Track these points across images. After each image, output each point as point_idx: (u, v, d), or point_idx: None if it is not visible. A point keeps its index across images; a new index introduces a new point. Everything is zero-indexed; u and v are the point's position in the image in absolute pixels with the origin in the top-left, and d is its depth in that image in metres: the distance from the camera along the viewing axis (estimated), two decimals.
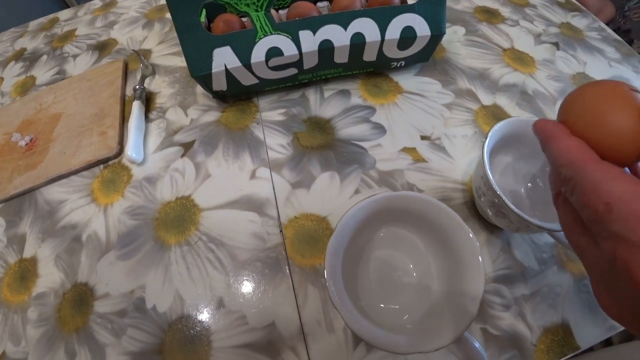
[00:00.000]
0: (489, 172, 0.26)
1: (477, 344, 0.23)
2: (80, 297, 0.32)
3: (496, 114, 0.39)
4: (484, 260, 0.28)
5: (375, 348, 0.27)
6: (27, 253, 0.36)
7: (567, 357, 0.27)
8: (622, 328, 0.28)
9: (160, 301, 0.31)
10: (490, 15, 0.51)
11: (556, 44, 0.47)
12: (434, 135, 0.37)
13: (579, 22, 0.51)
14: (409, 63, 0.41)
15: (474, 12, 0.51)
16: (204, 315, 0.30)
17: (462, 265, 0.24)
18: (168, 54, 0.49)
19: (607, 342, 0.46)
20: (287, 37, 0.34)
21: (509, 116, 0.40)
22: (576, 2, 0.55)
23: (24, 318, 0.32)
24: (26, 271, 0.35)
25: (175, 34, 0.51)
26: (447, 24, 0.49)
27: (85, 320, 0.31)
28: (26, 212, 0.38)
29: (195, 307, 0.30)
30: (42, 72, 0.53)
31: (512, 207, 0.25)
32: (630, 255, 0.12)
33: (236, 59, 0.34)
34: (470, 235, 0.23)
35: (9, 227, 0.38)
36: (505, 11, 0.52)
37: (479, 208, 0.31)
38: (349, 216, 0.24)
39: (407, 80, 0.42)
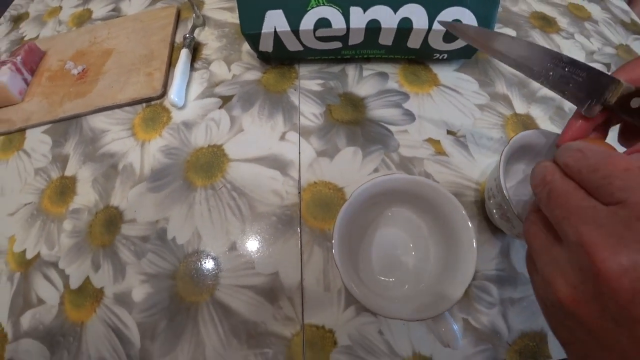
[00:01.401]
0: (502, 176, 0.27)
1: (455, 327, 0.25)
2: (110, 218, 0.36)
3: (527, 124, 0.40)
4: (479, 253, 0.30)
5: (364, 312, 0.30)
6: (69, 172, 0.40)
7: None
8: None
9: (180, 234, 0.34)
10: (545, 23, 0.49)
11: (608, 65, 0.45)
12: (460, 133, 0.38)
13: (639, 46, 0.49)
14: (452, 57, 0.42)
15: (530, 17, 0.50)
16: (217, 254, 0.33)
17: (457, 252, 0.25)
18: (219, 8, 0.51)
19: None
20: (338, 10, 0.35)
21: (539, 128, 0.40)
22: None
23: (60, 227, 0.36)
24: (66, 187, 0.39)
25: None
26: (499, 25, 0.48)
27: (112, 239, 0.35)
28: (71, 135, 0.42)
29: (211, 245, 0.33)
30: (99, 7, 0.56)
31: (516, 212, 0.26)
32: None
33: (286, 23, 0.35)
34: (469, 224, 0.25)
35: (54, 146, 0.42)
36: (562, 21, 0.50)
37: (487, 209, 0.33)
38: (365, 189, 0.26)
39: (446, 74, 0.42)
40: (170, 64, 0.45)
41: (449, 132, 0.38)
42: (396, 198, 0.29)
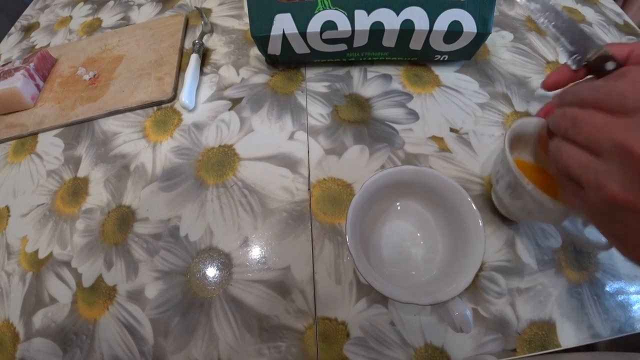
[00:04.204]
0: (507, 151, 0.27)
1: (467, 311, 0.25)
2: (122, 217, 0.37)
3: None
4: (486, 246, 0.30)
5: (375, 304, 0.30)
6: (81, 173, 0.41)
7: (546, 352, 0.29)
8: (605, 337, 0.30)
9: (193, 231, 0.35)
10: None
11: None
12: (463, 130, 0.39)
13: None
14: (452, 58, 0.43)
15: (526, 21, 0.52)
16: (229, 250, 0.33)
17: (465, 237, 0.26)
18: (227, 16, 0.52)
19: (590, 348, 0.47)
20: (343, 13, 0.36)
21: None
22: (635, 27, 0.53)
23: (72, 227, 0.37)
24: (78, 188, 0.39)
25: None
26: (497, 28, 0.50)
27: (125, 237, 0.35)
28: (84, 138, 0.43)
29: (223, 241, 0.34)
30: (108, 16, 0.57)
31: (525, 182, 0.26)
32: None
33: (294, 26, 0.37)
34: (474, 206, 0.26)
35: (67, 148, 0.43)
36: None
37: (495, 196, 0.33)
38: (375, 180, 0.27)
39: (447, 74, 0.44)
40: (180, 68, 0.46)
41: (452, 130, 0.39)
42: (403, 191, 0.30)
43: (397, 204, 0.32)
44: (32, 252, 0.36)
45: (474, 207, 0.26)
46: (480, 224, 0.25)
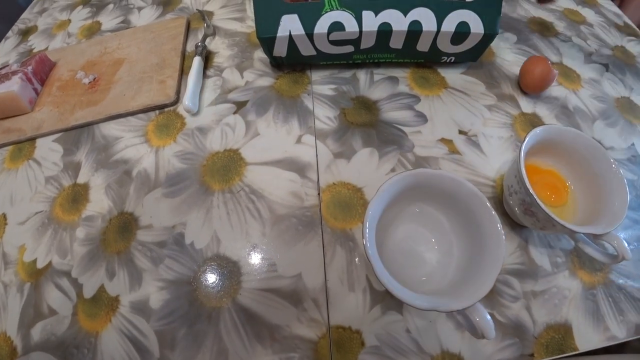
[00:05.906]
0: (523, 172, 0.27)
1: (489, 318, 0.24)
2: (125, 225, 0.35)
3: (534, 122, 0.40)
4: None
5: (390, 311, 0.30)
6: (81, 179, 0.39)
7: (563, 356, 0.29)
8: (621, 339, 0.29)
9: (199, 239, 0.34)
10: (543, 28, 0.51)
11: (606, 66, 0.47)
12: (472, 132, 0.39)
13: (634, 47, 0.50)
14: (459, 60, 0.43)
15: (528, 22, 0.52)
16: (237, 258, 0.32)
17: (481, 241, 0.26)
18: (229, 19, 0.52)
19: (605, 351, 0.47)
20: (351, 14, 0.36)
21: None
22: (635, 27, 0.54)
23: (72, 236, 0.36)
24: (78, 195, 0.38)
25: (237, 1, 0.54)
26: (500, 30, 0.49)
27: (127, 245, 0.34)
28: (83, 143, 0.42)
29: (230, 248, 0.33)
30: (108, 20, 0.56)
31: (542, 205, 0.26)
32: None
33: (301, 27, 0.36)
34: (493, 212, 0.25)
35: (66, 154, 0.42)
36: (559, 25, 0.52)
37: (507, 205, 0.33)
38: (391, 184, 0.26)
39: (453, 76, 0.44)
40: (183, 71, 0.45)
41: (461, 132, 0.39)
42: (418, 194, 0.29)
43: (412, 207, 0.31)
44: (30, 262, 0.35)
45: (493, 212, 0.25)
46: (499, 229, 0.25)
